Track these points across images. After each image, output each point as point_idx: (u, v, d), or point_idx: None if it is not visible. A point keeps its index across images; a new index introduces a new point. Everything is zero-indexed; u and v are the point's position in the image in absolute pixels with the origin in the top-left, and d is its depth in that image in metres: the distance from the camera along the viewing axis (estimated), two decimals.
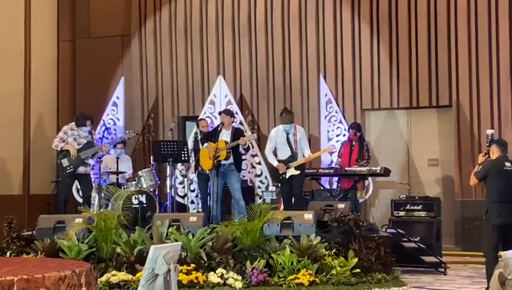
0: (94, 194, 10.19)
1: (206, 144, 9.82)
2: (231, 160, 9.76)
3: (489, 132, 7.98)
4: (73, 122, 9.88)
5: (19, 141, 12.29)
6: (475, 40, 11.23)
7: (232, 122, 10.18)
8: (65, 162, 9.60)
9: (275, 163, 9.73)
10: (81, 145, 9.68)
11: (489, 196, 7.45)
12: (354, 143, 10.62)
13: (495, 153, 7.49)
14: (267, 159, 10.15)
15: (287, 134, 9.77)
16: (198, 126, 10.92)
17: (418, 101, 11.54)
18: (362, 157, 10.50)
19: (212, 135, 9.93)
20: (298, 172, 9.64)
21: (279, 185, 10.08)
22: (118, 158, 10.99)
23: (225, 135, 9.80)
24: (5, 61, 11.94)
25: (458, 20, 11.32)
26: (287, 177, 9.66)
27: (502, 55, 11.06)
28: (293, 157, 9.69)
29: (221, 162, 9.70)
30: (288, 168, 9.63)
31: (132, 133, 10.57)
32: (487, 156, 7.63)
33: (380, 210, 11.46)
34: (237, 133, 9.91)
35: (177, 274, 5.21)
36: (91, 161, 9.96)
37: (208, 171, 9.84)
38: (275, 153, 9.84)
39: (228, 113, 10.18)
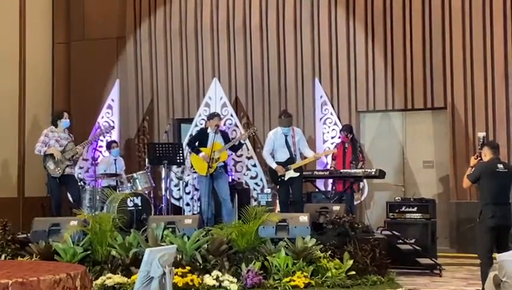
0: (89, 196, 10.21)
1: (202, 154, 9.80)
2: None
3: (480, 134, 8.00)
4: (52, 126, 9.89)
5: (14, 143, 12.29)
6: (469, 41, 11.25)
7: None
8: (51, 165, 9.59)
9: (274, 165, 9.76)
10: (62, 147, 9.69)
11: (482, 197, 7.47)
12: (346, 145, 10.65)
13: (487, 155, 7.51)
14: (265, 161, 10.16)
15: (286, 136, 9.82)
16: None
17: (412, 103, 11.56)
18: (357, 159, 10.51)
19: (202, 140, 9.92)
20: (297, 174, 9.69)
21: (277, 187, 10.09)
22: (115, 160, 11.01)
23: (217, 138, 9.85)
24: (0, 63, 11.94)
25: (453, 22, 11.34)
26: (285, 179, 9.70)
27: (497, 57, 11.09)
28: (292, 159, 9.74)
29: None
30: (287, 170, 9.67)
31: (108, 128, 10.59)
32: (479, 158, 7.65)
33: (375, 212, 11.46)
34: (225, 135, 10.19)
35: (172, 277, 5.21)
36: (82, 163, 9.98)
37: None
38: (272, 156, 9.88)
39: (219, 116, 10.29)
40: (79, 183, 10.36)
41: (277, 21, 12.25)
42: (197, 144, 10.03)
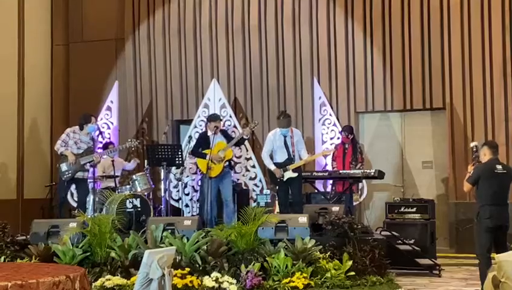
0: (89, 199, 10.21)
1: (208, 156, 9.80)
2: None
3: (473, 144, 7.96)
4: (77, 126, 9.89)
5: (13, 145, 12.29)
6: (468, 42, 11.27)
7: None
8: (63, 166, 9.60)
9: (272, 167, 9.79)
10: (80, 150, 9.68)
11: (479, 198, 7.42)
12: (347, 146, 10.67)
13: (487, 155, 7.46)
14: (263, 161, 10.16)
15: (285, 137, 9.84)
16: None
17: (411, 104, 11.57)
18: (356, 160, 10.54)
19: (204, 144, 9.93)
20: (296, 174, 9.72)
21: (277, 187, 10.10)
22: (113, 161, 10.99)
23: (218, 138, 9.88)
24: None
25: (451, 23, 11.36)
26: (284, 180, 9.72)
27: (495, 57, 11.10)
28: (290, 160, 9.77)
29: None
30: (285, 170, 9.70)
31: (134, 142, 10.51)
32: (477, 165, 7.60)
33: (375, 213, 11.47)
34: (227, 134, 10.23)
35: (171, 278, 5.20)
36: (88, 166, 9.98)
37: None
38: (271, 156, 9.91)
39: (219, 118, 10.29)
40: (88, 187, 10.34)
41: (275, 21, 12.26)
42: (200, 149, 10.02)
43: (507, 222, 7.40)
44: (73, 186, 10.31)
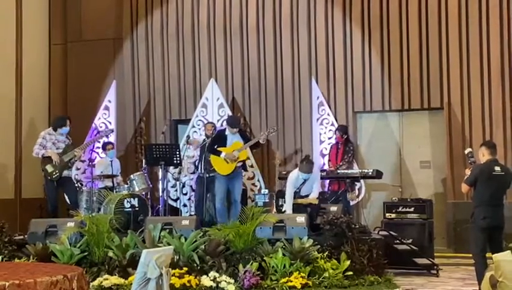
0: (85, 198, 10.21)
1: (223, 154, 9.69)
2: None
3: (468, 150, 7.92)
4: (50, 128, 9.95)
5: (11, 144, 12.27)
6: (466, 42, 11.28)
7: None
8: (49, 168, 9.62)
9: (289, 209, 9.31)
10: (60, 150, 9.73)
11: (476, 198, 7.38)
12: (339, 146, 10.69)
13: (485, 155, 7.41)
14: (286, 200, 9.80)
15: (304, 181, 9.42)
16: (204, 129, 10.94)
17: (409, 104, 11.58)
18: (343, 160, 10.60)
19: (223, 141, 9.85)
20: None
21: None
22: (111, 161, 11.00)
23: (236, 138, 9.78)
24: None
25: (449, 23, 11.37)
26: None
27: (493, 57, 11.12)
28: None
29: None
30: None
31: (108, 131, 10.65)
32: (474, 165, 7.58)
33: (372, 212, 11.47)
34: (245, 134, 10.14)
35: (169, 278, 5.20)
36: (79, 165, 10.01)
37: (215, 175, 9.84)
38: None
39: (239, 126, 10.21)
40: (76, 185, 10.38)
41: (273, 22, 12.26)
42: (215, 146, 9.91)
43: (502, 222, 7.38)
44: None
